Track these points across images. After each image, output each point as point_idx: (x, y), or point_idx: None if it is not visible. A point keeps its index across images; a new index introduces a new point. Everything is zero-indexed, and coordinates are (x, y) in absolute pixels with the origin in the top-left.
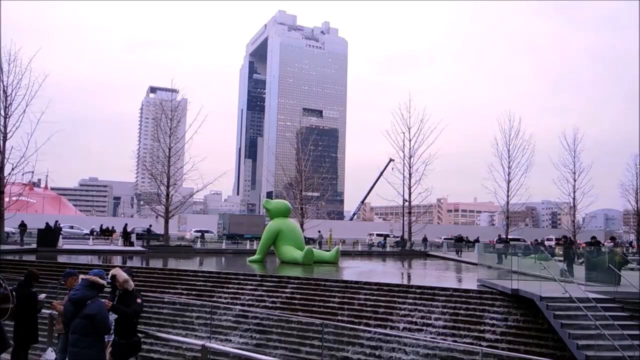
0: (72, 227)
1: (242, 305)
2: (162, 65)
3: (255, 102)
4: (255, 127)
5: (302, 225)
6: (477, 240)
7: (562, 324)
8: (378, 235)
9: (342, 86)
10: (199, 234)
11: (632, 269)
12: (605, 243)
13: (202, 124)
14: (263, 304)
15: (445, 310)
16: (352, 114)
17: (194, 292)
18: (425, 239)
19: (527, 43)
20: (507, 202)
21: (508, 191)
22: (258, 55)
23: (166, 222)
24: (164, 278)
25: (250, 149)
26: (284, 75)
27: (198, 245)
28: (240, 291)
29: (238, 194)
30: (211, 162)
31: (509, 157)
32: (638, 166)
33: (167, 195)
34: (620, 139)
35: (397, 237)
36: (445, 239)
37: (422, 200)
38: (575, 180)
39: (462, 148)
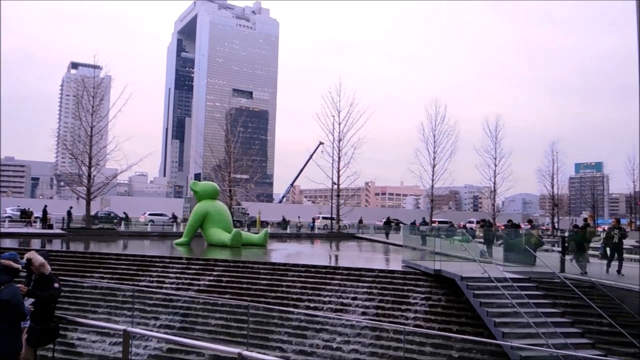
0: None
1: (168, 288)
2: (86, 41)
3: (183, 82)
4: (183, 107)
5: (230, 207)
6: (413, 224)
7: (480, 302)
8: (324, 218)
9: (273, 68)
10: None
11: (546, 250)
12: (522, 226)
13: (126, 102)
14: (189, 287)
15: (371, 290)
16: (283, 96)
17: (117, 276)
18: (360, 221)
19: (460, 33)
20: (432, 186)
21: (433, 175)
22: (187, 33)
23: (88, 204)
24: (85, 262)
25: (178, 129)
26: (214, 55)
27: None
28: (166, 275)
29: (165, 175)
30: (136, 143)
31: (434, 142)
32: (555, 153)
33: (89, 176)
34: (539, 128)
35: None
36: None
37: (351, 183)
38: (496, 166)
39: (391, 133)
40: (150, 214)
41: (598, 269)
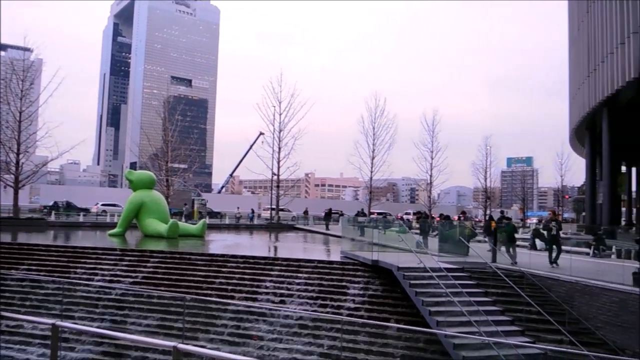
0: None
1: (100, 281)
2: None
3: (119, 67)
4: (119, 93)
5: (167, 198)
6: (360, 214)
7: (416, 292)
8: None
9: (213, 56)
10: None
11: (479, 241)
12: (461, 217)
13: (58, 87)
14: (123, 279)
15: (309, 281)
16: (224, 85)
17: (46, 269)
18: (306, 212)
19: (404, 28)
20: (371, 178)
21: (372, 167)
22: (124, 17)
23: (16, 193)
24: (10, 253)
25: (113, 116)
26: (152, 41)
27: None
28: (99, 266)
29: (99, 164)
30: (69, 129)
31: (374, 135)
32: (488, 147)
33: (17, 163)
34: (476, 122)
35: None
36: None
37: (291, 174)
38: (432, 159)
39: (332, 124)
40: (103, 204)
41: (527, 259)
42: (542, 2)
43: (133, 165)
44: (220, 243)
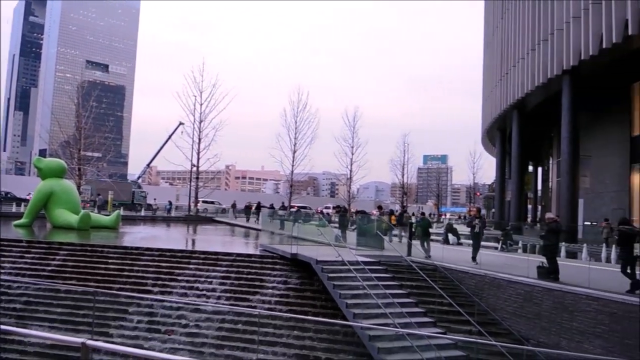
0: None
1: (4, 275)
2: None
3: (30, 48)
4: (29, 76)
5: (79, 187)
6: (283, 207)
7: (334, 285)
8: (205, 202)
9: (132, 41)
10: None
11: (395, 235)
12: (374, 212)
13: None
14: (29, 272)
15: (228, 275)
16: (143, 72)
17: None
18: (234, 205)
19: (326, 22)
20: (292, 172)
21: (293, 161)
22: None
23: None
24: None
25: (22, 100)
26: (66, 22)
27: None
28: (2, 259)
29: (5, 150)
30: None
31: (296, 128)
32: (406, 144)
33: None
34: (395, 120)
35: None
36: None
37: (211, 166)
38: (352, 154)
39: (254, 116)
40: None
41: (440, 253)
42: (465, 4)
43: (43, 153)
44: (135, 235)
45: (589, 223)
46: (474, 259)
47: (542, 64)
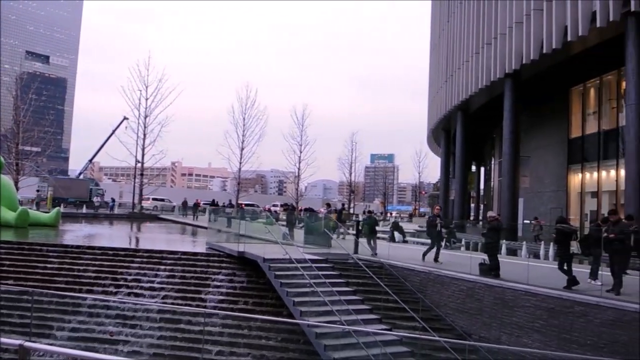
0: None
1: None
2: None
3: None
4: None
5: (16, 183)
6: (230, 205)
7: (281, 283)
8: (155, 199)
9: (75, 32)
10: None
11: (342, 233)
12: (322, 210)
13: None
14: None
15: (173, 274)
16: (86, 64)
17: None
18: (187, 202)
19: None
20: (240, 169)
21: (241, 158)
22: None
23: None
24: None
25: None
26: (5, 11)
27: None
28: None
29: None
30: None
31: (244, 125)
32: (354, 143)
33: None
34: (344, 118)
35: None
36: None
37: (156, 162)
38: (301, 152)
39: (201, 112)
40: None
41: (386, 250)
42: (415, 5)
43: None
44: (76, 233)
45: (528, 221)
46: (436, 258)
47: (485, 67)
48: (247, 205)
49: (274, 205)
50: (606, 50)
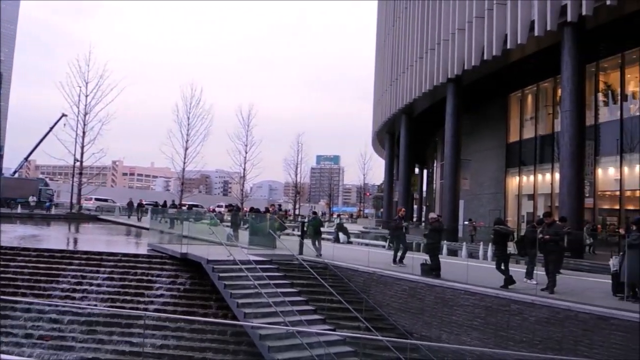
0: None
1: None
2: None
3: None
4: None
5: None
6: (174, 206)
7: (225, 284)
8: (97, 199)
9: (12, 24)
10: None
11: (287, 234)
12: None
13: None
14: None
15: (113, 276)
16: (22, 58)
17: None
18: (133, 203)
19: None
20: (184, 169)
21: (185, 158)
22: None
23: None
24: None
25: None
26: None
27: None
28: None
29: None
30: None
31: (188, 124)
32: (300, 144)
33: None
34: (291, 120)
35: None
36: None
37: (96, 161)
38: (246, 153)
39: (144, 111)
40: None
41: (331, 251)
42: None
43: None
44: (9, 234)
45: (467, 223)
46: (402, 260)
47: (429, 72)
48: (190, 205)
49: (218, 206)
50: (543, 58)
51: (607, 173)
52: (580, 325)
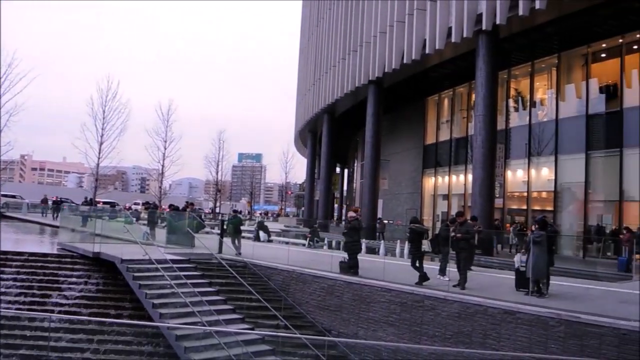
0: None
1: None
2: None
3: None
4: None
5: None
6: (87, 203)
7: (140, 284)
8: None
9: None
10: None
11: (207, 233)
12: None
13: None
14: None
15: (19, 276)
16: None
17: None
18: (48, 199)
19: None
20: (98, 165)
21: (100, 153)
22: None
23: None
24: None
25: None
26: None
27: None
28: None
29: None
30: None
31: (103, 118)
32: (221, 142)
33: None
34: (213, 118)
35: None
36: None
37: (2, 155)
38: (165, 149)
39: (56, 103)
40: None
41: (251, 250)
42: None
43: None
44: None
45: (386, 221)
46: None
47: (351, 73)
48: (105, 203)
49: (135, 204)
50: (460, 64)
51: (516, 175)
52: (489, 319)
